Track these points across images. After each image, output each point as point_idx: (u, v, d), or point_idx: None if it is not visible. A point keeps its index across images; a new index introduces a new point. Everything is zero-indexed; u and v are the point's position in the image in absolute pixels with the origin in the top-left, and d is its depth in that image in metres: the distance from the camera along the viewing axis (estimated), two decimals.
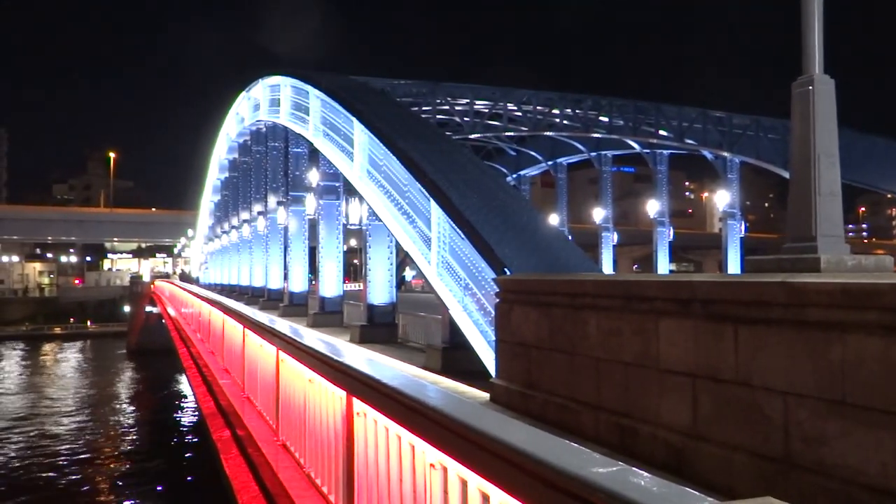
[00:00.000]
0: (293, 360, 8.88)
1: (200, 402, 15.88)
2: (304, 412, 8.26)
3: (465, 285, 10.85)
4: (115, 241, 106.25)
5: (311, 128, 19.81)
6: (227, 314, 15.87)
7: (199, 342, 22.80)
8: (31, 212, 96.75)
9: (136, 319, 65.54)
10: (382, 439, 5.79)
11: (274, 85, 25.22)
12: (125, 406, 40.12)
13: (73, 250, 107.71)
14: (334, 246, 20.59)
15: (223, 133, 39.16)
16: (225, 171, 41.16)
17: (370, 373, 6.20)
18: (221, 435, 11.61)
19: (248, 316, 13.60)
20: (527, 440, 3.44)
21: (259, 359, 11.47)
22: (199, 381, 17.58)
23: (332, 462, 7.09)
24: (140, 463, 27.43)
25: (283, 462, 8.71)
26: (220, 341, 17.18)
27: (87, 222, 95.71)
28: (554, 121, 31.33)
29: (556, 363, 6.29)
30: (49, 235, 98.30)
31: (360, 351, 12.38)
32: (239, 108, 32.96)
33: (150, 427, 33.96)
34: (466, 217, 10.66)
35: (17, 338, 72.96)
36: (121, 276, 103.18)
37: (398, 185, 13.61)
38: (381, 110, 16.22)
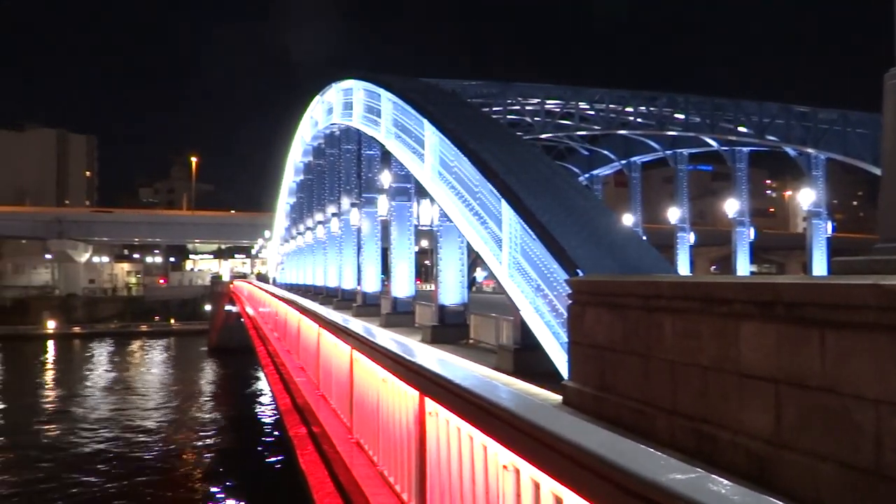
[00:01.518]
0: (366, 359, 9.02)
1: (277, 399, 16.31)
2: (377, 411, 8.37)
3: (537, 286, 10.78)
4: (197, 242, 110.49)
5: (383, 130, 20.07)
6: (303, 314, 16.25)
7: (276, 340, 23.42)
8: (120, 215, 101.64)
9: (216, 318, 67.89)
10: (454, 439, 5.82)
11: (347, 89, 25.68)
12: (206, 402, 41.60)
13: (157, 251, 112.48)
14: (406, 247, 20.79)
15: (298, 137, 40.15)
16: (300, 174, 42.16)
17: (442, 373, 6.24)
18: (297, 431, 11.89)
19: (322, 315, 13.89)
20: (602, 444, 3.39)
21: (333, 357, 11.70)
22: (276, 378, 18.06)
23: (405, 461, 7.17)
24: (219, 457, 28.41)
25: (357, 459, 8.85)
26: (296, 340, 17.61)
27: (170, 224, 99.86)
28: (627, 119, 30.78)
29: (631, 366, 6.18)
30: (136, 237, 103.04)
31: (431, 351, 12.46)
32: (313, 113, 33.71)
33: (230, 422, 35.12)
34: (538, 217, 10.59)
35: (107, 335, 76.74)
36: (202, 277, 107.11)
37: (469, 185, 13.63)
38: (451, 111, 16.28)
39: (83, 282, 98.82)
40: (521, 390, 8.22)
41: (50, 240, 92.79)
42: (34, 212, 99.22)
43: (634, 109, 30.26)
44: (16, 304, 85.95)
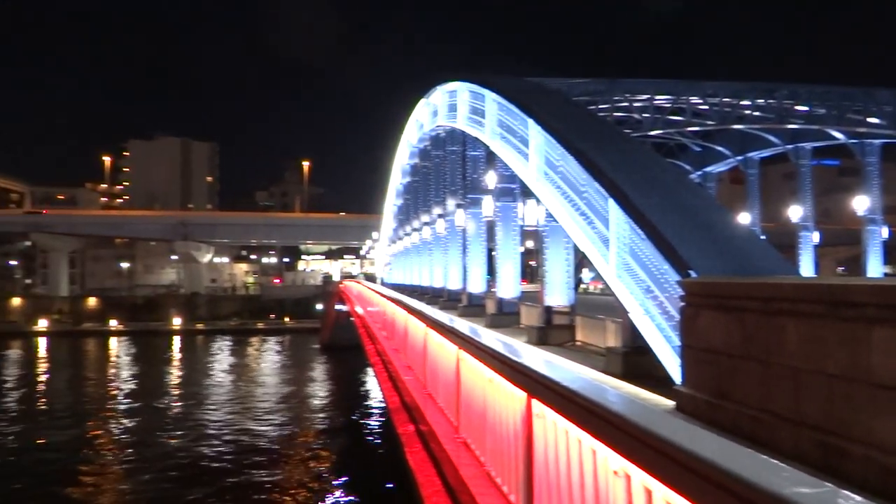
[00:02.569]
0: (473, 359, 9.06)
1: (386, 397, 16.66)
2: (484, 411, 8.39)
3: (647, 287, 10.46)
4: (309, 243, 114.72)
5: (488, 131, 20.10)
6: (410, 313, 16.52)
7: (384, 339, 23.93)
8: (238, 217, 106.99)
9: (327, 317, 70.21)
10: (562, 442, 5.74)
11: (451, 91, 25.88)
12: (318, 397, 43.10)
13: (273, 252, 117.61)
14: (511, 247, 20.73)
15: (404, 139, 40.84)
16: (406, 176, 42.90)
17: (549, 374, 6.17)
18: (406, 429, 12.10)
19: (429, 315, 14.07)
20: (720, 453, 3.24)
21: (440, 357, 11.82)
22: (384, 376, 18.44)
23: (512, 462, 7.14)
24: (329, 450, 29.36)
25: (464, 459, 8.90)
26: (404, 339, 17.92)
27: (284, 226, 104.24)
28: (743, 113, 29.31)
29: (749, 372, 5.88)
30: (253, 239, 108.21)
31: (538, 352, 12.34)
32: (419, 115, 34.20)
33: (340, 417, 36.22)
34: (647, 217, 10.28)
35: (226, 331, 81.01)
36: (314, 277, 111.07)
37: (575, 185, 13.42)
38: (556, 111, 16.08)
39: (205, 281, 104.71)
40: (632, 395, 8.00)
41: (176, 241, 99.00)
42: (162, 215, 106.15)
43: (752, 102, 28.80)
44: (146, 302, 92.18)
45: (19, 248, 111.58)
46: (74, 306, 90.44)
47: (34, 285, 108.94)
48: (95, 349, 70.16)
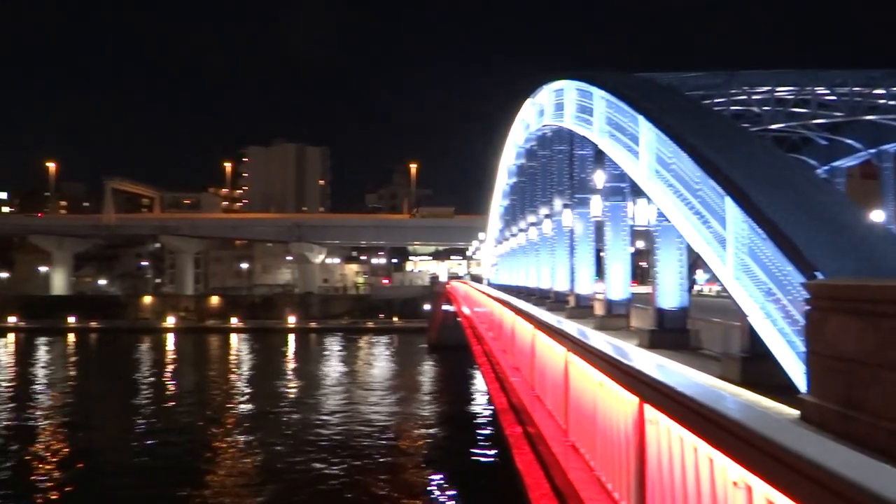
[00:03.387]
0: (582, 361, 8.91)
1: (493, 398, 16.67)
2: (594, 414, 8.23)
3: (767, 290, 9.92)
4: (416, 244, 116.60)
5: (596, 129, 19.71)
6: (517, 314, 16.46)
7: (491, 340, 23.95)
8: (349, 219, 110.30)
9: (434, 317, 71.09)
10: (677, 449, 5.54)
11: (558, 89, 25.55)
12: (425, 396, 43.70)
13: (381, 253, 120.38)
14: (620, 248, 20.22)
15: (510, 140, 40.73)
16: (513, 177, 42.78)
17: (662, 379, 5.97)
18: (513, 431, 12.06)
19: (536, 317, 13.96)
20: (855, 468, 3.02)
21: (548, 359, 11.70)
22: (491, 377, 18.46)
23: (623, 468, 6.96)
24: (436, 449, 29.69)
25: (573, 463, 8.77)
26: (511, 340, 17.87)
27: (392, 228, 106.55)
28: (877, 102, 27.25)
29: (886, 382, 5.46)
30: (363, 240, 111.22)
31: (649, 356, 11.98)
32: (525, 115, 34.01)
33: (447, 417, 36.57)
34: (767, 215, 9.74)
35: (338, 330, 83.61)
36: (421, 277, 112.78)
37: (688, 183, 12.93)
38: (668, 106, 15.55)
39: (318, 281, 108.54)
40: (750, 402, 7.62)
41: (291, 243, 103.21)
42: (278, 218, 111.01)
43: (886, 91, 26.73)
44: (264, 301, 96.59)
45: (150, 250, 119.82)
46: (199, 304, 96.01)
47: (163, 285, 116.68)
48: (218, 345, 74.23)
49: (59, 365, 61.29)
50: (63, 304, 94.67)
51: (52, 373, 55.62)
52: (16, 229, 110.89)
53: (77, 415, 38.14)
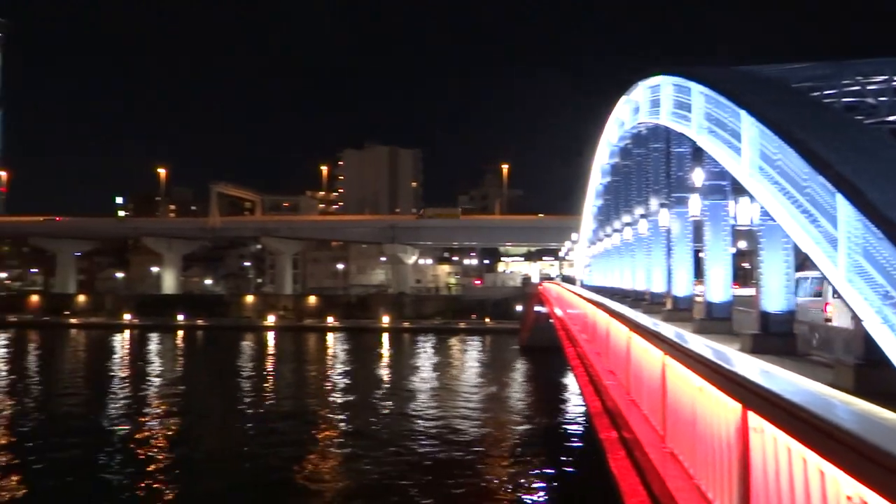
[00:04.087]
0: (680, 365, 8.63)
1: (587, 401, 16.41)
2: (693, 421, 7.96)
3: (885, 293, 9.30)
4: (508, 245, 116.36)
5: (694, 125, 19.05)
6: (612, 316, 16.13)
7: (585, 342, 23.59)
8: (441, 221, 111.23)
9: (526, 318, 70.71)
10: (783, 460, 5.28)
11: (654, 86, 24.86)
12: (517, 398, 43.53)
13: (473, 254, 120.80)
14: (721, 248, 19.46)
15: (604, 139, 40.00)
16: (606, 176, 41.98)
17: (768, 386, 5.71)
18: (608, 435, 11.82)
19: (631, 319, 13.64)
20: None
21: (644, 362, 11.41)
22: (585, 380, 18.18)
23: (725, 477, 6.70)
24: (528, 451, 29.49)
25: (671, 470, 8.50)
26: (605, 342, 17.54)
27: (484, 229, 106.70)
28: None
29: None
30: (454, 241, 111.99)
31: (753, 361, 11.49)
32: (619, 113, 33.30)
33: (539, 419, 36.28)
34: (885, 213, 9.14)
35: (430, 330, 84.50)
36: (513, 278, 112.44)
37: (795, 180, 12.28)
38: (772, 99, 14.83)
39: (411, 282, 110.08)
40: (867, 412, 7.17)
41: (384, 244, 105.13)
42: (372, 220, 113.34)
43: None
44: (359, 301, 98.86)
45: (252, 251, 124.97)
46: (297, 304, 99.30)
47: (264, 285, 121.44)
48: (315, 343, 76.56)
49: (170, 359, 64.98)
50: (173, 302, 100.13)
51: (164, 366, 59.09)
52: (131, 232, 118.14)
53: (186, 404, 40.74)
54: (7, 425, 34.76)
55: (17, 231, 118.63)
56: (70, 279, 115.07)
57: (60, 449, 29.41)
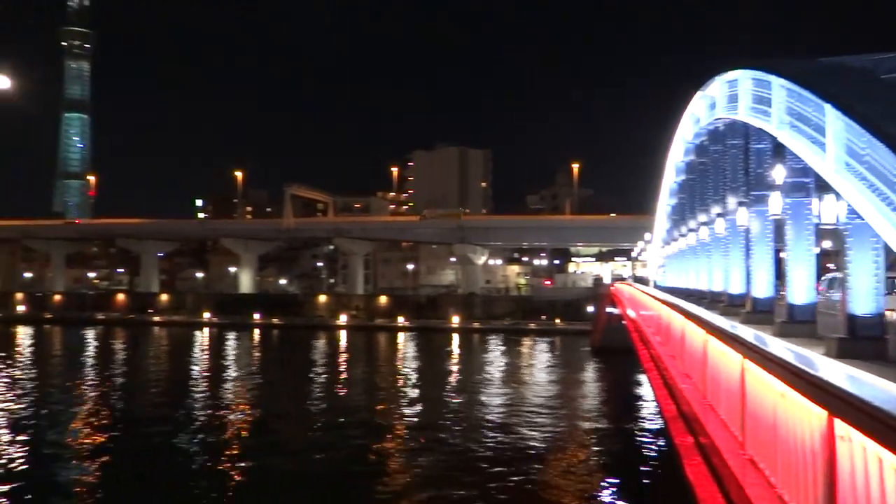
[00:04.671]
0: (760, 370, 8.32)
1: (661, 405, 16.03)
2: (774, 427, 7.66)
3: None
4: (579, 245, 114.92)
5: (775, 120, 18.33)
6: (687, 318, 15.72)
7: (658, 345, 23.06)
8: (510, 221, 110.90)
9: (598, 319, 69.68)
10: (874, 470, 5.01)
11: (731, 80, 24.07)
12: (589, 399, 42.95)
13: (543, 254, 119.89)
14: (804, 248, 18.65)
15: (678, 136, 39.01)
16: (681, 174, 40.93)
17: (855, 392, 5.43)
18: (683, 441, 11.51)
19: (708, 321, 13.24)
20: None
21: (721, 366, 11.06)
22: (659, 383, 17.78)
23: (810, 487, 6.42)
24: (602, 456, 29.03)
25: (751, 478, 8.21)
26: (680, 345, 17.10)
27: (554, 229, 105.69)
28: None
29: None
30: (524, 241, 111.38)
31: (840, 367, 10.98)
32: (694, 109, 32.42)
33: (611, 422, 35.68)
34: None
35: (500, 330, 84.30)
36: (584, 279, 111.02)
37: (886, 176, 11.67)
38: (860, 92, 14.13)
39: (481, 282, 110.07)
40: None
41: (454, 244, 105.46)
42: (441, 220, 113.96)
43: None
44: (429, 301, 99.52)
45: (325, 252, 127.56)
46: (368, 304, 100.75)
47: (336, 284, 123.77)
48: (386, 342, 77.51)
49: (246, 356, 67.04)
50: (249, 301, 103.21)
51: (241, 363, 61.03)
52: (210, 233, 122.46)
53: (261, 398, 42.24)
54: (95, 415, 36.70)
55: (105, 233, 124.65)
56: (153, 279, 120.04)
57: (143, 437, 31.20)
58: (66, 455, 28.75)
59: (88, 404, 40.50)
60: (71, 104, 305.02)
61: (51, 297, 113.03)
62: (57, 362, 62.70)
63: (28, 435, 31.87)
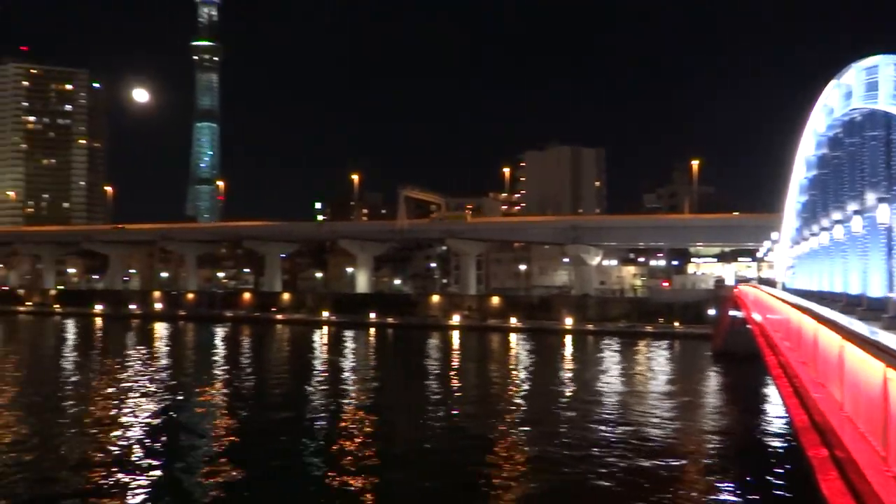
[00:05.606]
0: None
1: (791, 415, 15.08)
2: None
3: None
4: (699, 245, 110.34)
5: None
6: (820, 322, 14.70)
7: (787, 350, 21.74)
8: (625, 220, 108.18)
9: (720, 323, 66.60)
10: None
11: (870, 67, 22.44)
12: (711, 406, 41.10)
13: (660, 255, 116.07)
14: None
15: (808, 128, 36.74)
16: (812, 169, 38.49)
17: None
18: (817, 453, 10.76)
19: (844, 326, 12.32)
20: None
21: (860, 374, 10.23)
22: (788, 391, 16.73)
23: None
24: (724, 466, 27.65)
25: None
26: (812, 351, 16.01)
27: (672, 228, 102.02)
28: None
29: None
30: (640, 241, 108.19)
31: None
32: (827, 99, 30.44)
33: (736, 431, 33.99)
34: None
35: (614, 333, 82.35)
36: (704, 280, 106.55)
37: None
38: None
39: (594, 283, 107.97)
40: None
41: (567, 245, 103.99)
42: (553, 220, 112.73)
43: None
44: (541, 302, 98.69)
45: (437, 253, 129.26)
46: (480, 304, 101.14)
47: (449, 285, 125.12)
48: (498, 343, 77.49)
49: (363, 355, 69.06)
50: (365, 301, 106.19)
51: (358, 361, 62.97)
52: (328, 234, 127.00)
53: (378, 397, 43.35)
54: (224, 411, 39.08)
55: (232, 235, 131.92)
56: (276, 278, 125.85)
57: (269, 434, 32.61)
58: (201, 441, 31.21)
59: (221, 392, 43.67)
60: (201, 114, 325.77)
61: (184, 295, 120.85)
62: (192, 356, 67.29)
63: (167, 418, 34.90)
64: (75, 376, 51.81)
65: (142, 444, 29.59)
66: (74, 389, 45.28)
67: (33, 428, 32.80)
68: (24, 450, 28.58)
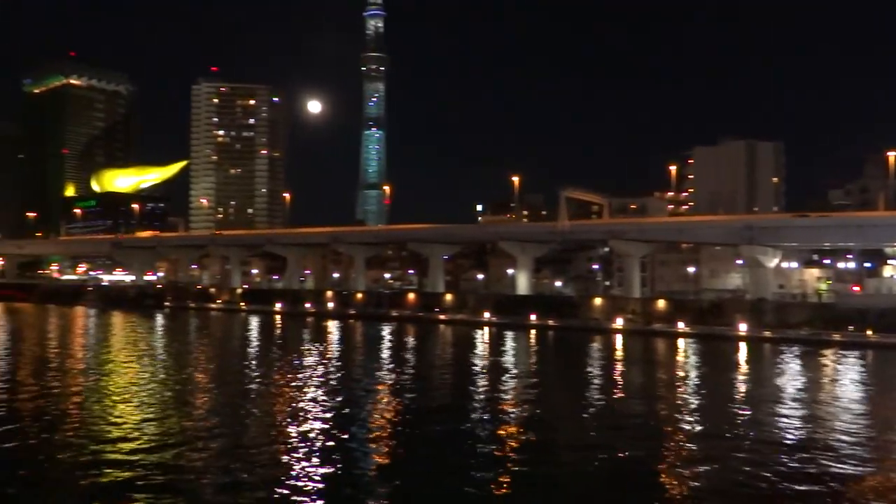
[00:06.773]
0: None
1: None
2: None
3: None
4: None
5: None
6: None
7: None
8: (807, 219, 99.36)
9: None
10: None
11: None
12: None
13: (850, 256, 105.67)
14: None
15: None
16: None
17: None
18: None
19: None
20: None
21: None
22: None
23: None
24: None
25: None
26: None
27: (863, 227, 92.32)
28: None
29: None
30: (825, 241, 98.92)
31: None
32: None
33: None
34: None
35: (795, 341, 75.85)
36: None
37: None
38: None
39: (772, 287, 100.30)
40: None
41: (741, 245, 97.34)
42: (726, 220, 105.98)
43: None
44: (711, 306, 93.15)
45: (600, 254, 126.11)
46: (645, 307, 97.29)
47: (611, 287, 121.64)
48: (665, 348, 73.94)
49: (524, 356, 68.72)
50: (525, 302, 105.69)
51: (519, 361, 62.83)
52: (489, 236, 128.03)
53: (539, 396, 43.56)
54: (393, 396, 41.74)
55: (397, 237, 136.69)
56: (439, 279, 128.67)
57: (433, 423, 34.77)
58: (364, 432, 32.77)
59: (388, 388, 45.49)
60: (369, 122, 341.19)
61: (354, 294, 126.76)
62: (363, 352, 70.53)
63: (336, 409, 37.32)
64: (262, 369, 56.01)
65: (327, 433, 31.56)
66: (261, 383, 49.05)
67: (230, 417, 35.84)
68: (214, 436, 31.39)
